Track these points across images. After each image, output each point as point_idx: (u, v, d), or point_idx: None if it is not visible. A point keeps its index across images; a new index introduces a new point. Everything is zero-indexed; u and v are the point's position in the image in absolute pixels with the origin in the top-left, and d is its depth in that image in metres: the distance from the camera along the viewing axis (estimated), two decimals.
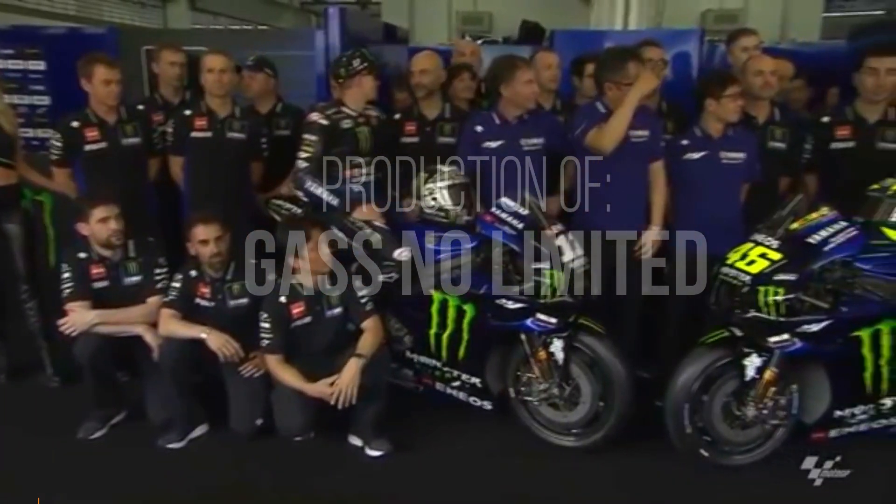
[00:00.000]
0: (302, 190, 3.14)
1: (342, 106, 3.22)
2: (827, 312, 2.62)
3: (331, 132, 3.13)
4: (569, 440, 3.00)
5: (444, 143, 3.52)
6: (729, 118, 3.11)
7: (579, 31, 5.17)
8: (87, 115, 3.43)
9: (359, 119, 3.23)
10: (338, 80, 3.23)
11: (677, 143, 3.23)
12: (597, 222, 3.14)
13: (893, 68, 3.10)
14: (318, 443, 3.01)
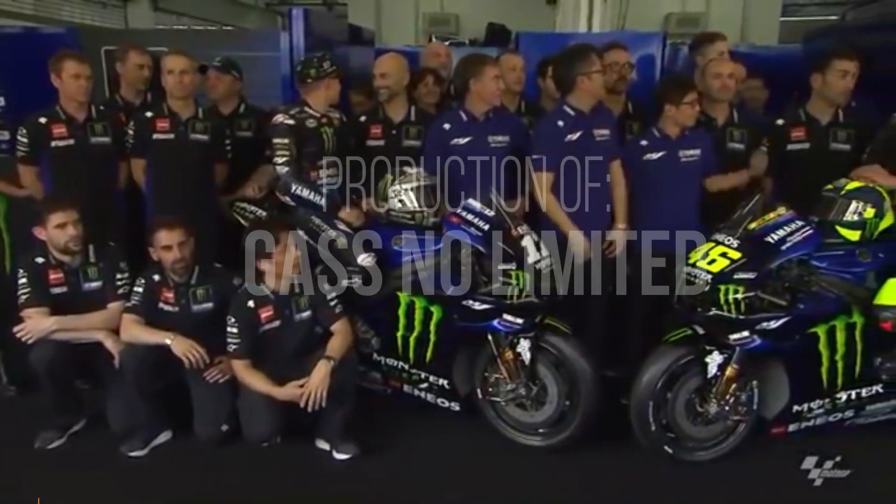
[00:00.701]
0: (289, 195, 3.11)
1: (306, 106, 3.20)
2: (785, 310, 2.69)
3: (298, 132, 3.11)
4: (536, 440, 3.02)
5: (409, 147, 3.51)
6: (687, 123, 3.18)
7: (544, 34, 5.22)
8: (56, 112, 3.37)
9: (322, 120, 3.22)
10: (306, 80, 3.21)
11: (637, 143, 3.28)
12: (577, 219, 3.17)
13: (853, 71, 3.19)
14: (284, 447, 2.98)
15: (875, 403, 2.90)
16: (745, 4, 8.44)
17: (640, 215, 3.27)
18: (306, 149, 3.15)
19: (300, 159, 3.12)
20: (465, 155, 3.24)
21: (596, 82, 3.09)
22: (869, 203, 2.77)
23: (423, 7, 9.45)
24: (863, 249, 2.78)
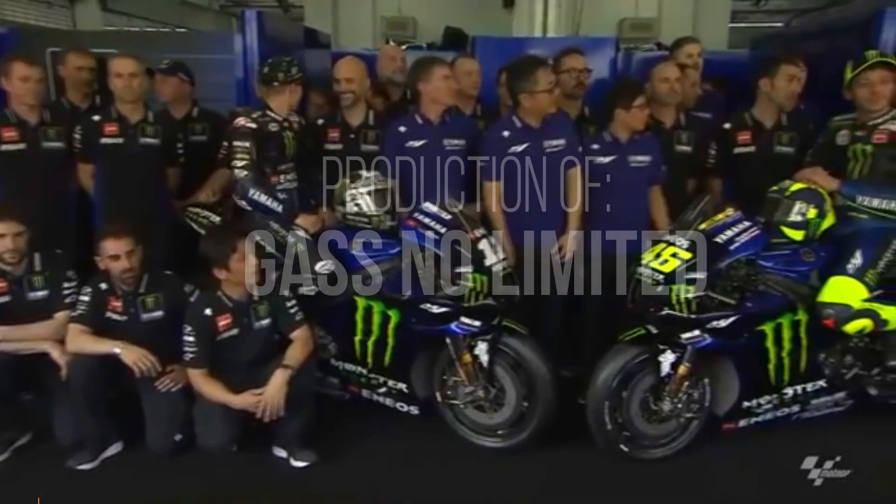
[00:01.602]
0: (246, 199, 3.06)
1: (268, 110, 3.17)
2: (733, 309, 2.75)
3: (259, 136, 3.07)
4: (494, 441, 3.04)
5: (368, 151, 3.50)
6: (637, 126, 3.24)
7: (500, 38, 5.25)
8: (6, 115, 3.30)
9: (284, 124, 3.19)
10: (272, 83, 3.18)
11: (588, 147, 3.32)
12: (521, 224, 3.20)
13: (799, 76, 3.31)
14: (240, 456, 2.93)
15: (819, 398, 3.00)
16: (695, 11, 8.65)
17: (591, 217, 3.31)
18: (268, 153, 3.11)
19: (261, 164, 3.08)
20: (420, 158, 3.25)
21: (540, 101, 3.11)
22: (811, 204, 2.87)
23: (380, 10, 9.39)
24: (806, 249, 2.88)
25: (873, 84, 2.85)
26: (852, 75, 2.91)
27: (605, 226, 3.22)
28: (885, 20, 3.41)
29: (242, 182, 3.03)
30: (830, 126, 3.13)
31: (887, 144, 2.84)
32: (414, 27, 9.17)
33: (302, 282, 3.04)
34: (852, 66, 2.92)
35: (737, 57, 5.45)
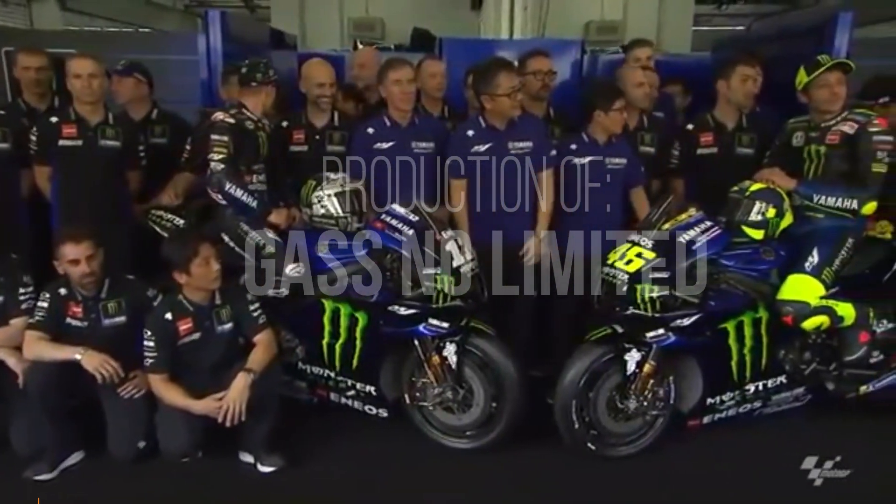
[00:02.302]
0: (221, 193, 3.01)
1: (244, 109, 3.14)
2: (696, 307, 2.80)
3: (237, 132, 3.03)
4: (463, 442, 3.04)
5: (333, 152, 3.48)
6: (615, 129, 3.28)
7: (467, 40, 5.27)
8: None
9: (258, 124, 3.16)
10: (250, 83, 3.15)
11: (566, 147, 3.35)
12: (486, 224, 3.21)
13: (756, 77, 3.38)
14: (206, 462, 2.89)
15: (780, 393, 3.07)
16: (659, 14, 8.80)
17: (566, 218, 3.33)
18: (242, 151, 3.07)
19: (236, 161, 3.04)
20: (387, 159, 3.25)
21: (500, 104, 3.12)
22: (771, 204, 2.93)
23: (347, 11, 9.36)
24: (766, 248, 2.94)
25: (832, 85, 2.92)
26: (810, 78, 2.96)
27: (581, 227, 3.25)
28: (839, 24, 3.50)
29: (219, 175, 2.98)
30: (786, 128, 3.20)
31: (839, 145, 2.91)
32: (382, 28, 9.16)
33: (272, 285, 3.02)
34: (807, 69, 2.98)
35: (699, 59, 5.55)
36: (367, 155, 3.29)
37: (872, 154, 2.83)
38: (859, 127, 2.87)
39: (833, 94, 2.93)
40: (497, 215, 3.21)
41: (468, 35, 6.89)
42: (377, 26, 9.20)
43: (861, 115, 2.91)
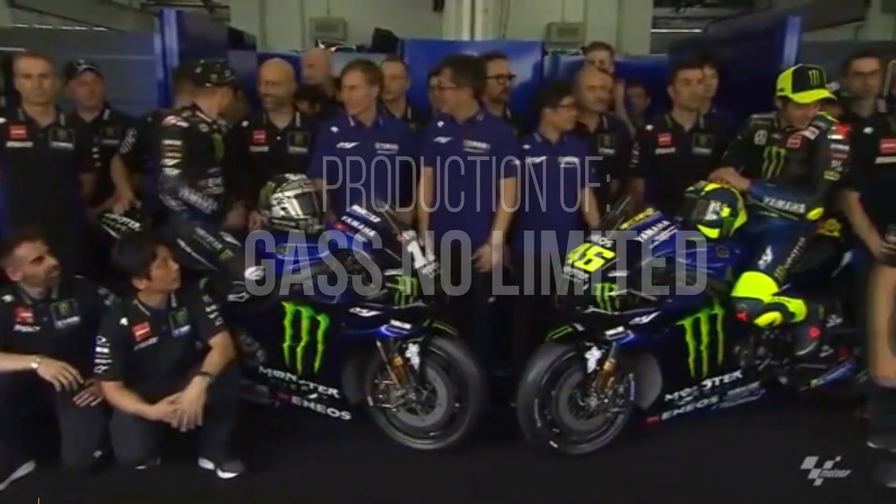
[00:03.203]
0: (178, 199, 2.97)
1: (197, 111, 3.08)
2: (654, 305, 2.85)
3: (190, 135, 2.98)
4: (427, 443, 3.04)
5: (294, 153, 3.46)
6: (565, 126, 3.31)
7: (429, 41, 5.27)
8: None
9: (213, 126, 3.11)
10: (204, 84, 3.09)
11: (520, 147, 3.36)
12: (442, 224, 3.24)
13: (700, 79, 3.45)
14: (164, 470, 2.83)
15: (736, 388, 3.14)
16: (619, 16, 8.94)
17: (521, 217, 3.36)
18: (197, 154, 3.02)
19: (191, 165, 2.99)
20: (351, 159, 3.23)
21: (443, 95, 3.20)
22: (725, 203, 2.99)
23: (309, 12, 9.29)
24: (721, 246, 2.99)
25: (808, 108, 2.96)
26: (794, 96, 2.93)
27: (536, 226, 3.28)
28: (788, 28, 3.60)
29: (174, 181, 2.93)
30: (749, 124, 3.25)
31: (800, 149, 2.98)
32: (344, 29, 9.12)
33: (231, 289, 2.98)
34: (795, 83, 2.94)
35: (658, 61, 5.65)
36: (329, 154, 3.28)
37: (828, 162, 2.90)
38: (820, 133, 2.94)
39: (805, 117, 2.98)
40: (453, 216, 3.23)
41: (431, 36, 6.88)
42: (339, 27, 9.16)
43: (823, 122, 2.97)
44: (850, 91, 3.56)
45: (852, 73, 3.50)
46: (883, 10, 7.71)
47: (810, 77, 2.92)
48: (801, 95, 2.91)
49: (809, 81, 2.91)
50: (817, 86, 2.90)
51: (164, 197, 3.04)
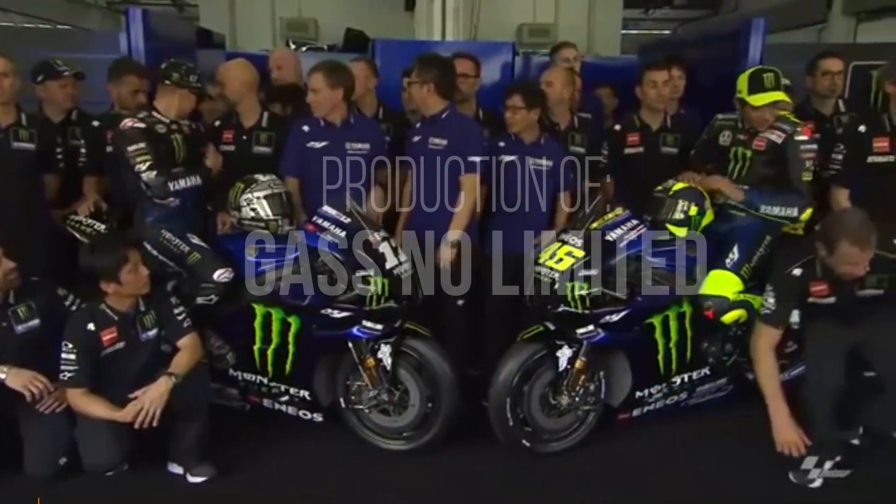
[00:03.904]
0: (172, 195, 2.94)
1: (154, 111, 3.02)
2: (624, 303, 2.88)
3: (149, 136, 2.92)
4: (399, 444, 3.03)
5: (259, 153, 3.43)
6: (511, 128, 3.34)
7: (399, 41, 5.26)
8: None
9: (172, 126, 3.05)
10: (164, 81, 3.03)
11: (495, 144, 3.40)
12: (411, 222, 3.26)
13: (667, 80, 3.49)
14: (132, 476, 2.77)
15: (704, 384, 3.19)
16: (589, 18, 8.99)
17: (493, 217, 3.37)
18: (158, 155, 2.95)
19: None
20: (320, 159, 3.21)
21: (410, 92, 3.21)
22: (693, 202, 3.04)
23: (279, 11, 9.18)
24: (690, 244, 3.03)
25: (763, 110, 3.02)
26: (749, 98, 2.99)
27: (506, 226, 3.30)
28: (752, 30, 3.67)
29: (157, 183, 2.88)
30: (714, 124, 3.31)
31: (765, 151, 3.04)
32: (315, 29, 9.03)
33: (199, 291, 2.94)
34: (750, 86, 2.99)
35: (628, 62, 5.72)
36: (299, 153, 3.26)
37: (801, 164, 2.97)
38: (786, 136, 3.00)
39: (764, 120, 3.03)
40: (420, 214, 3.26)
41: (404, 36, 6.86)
42: (310, 26, 9.06)
43: (787, 124, 3.03)
44: (815, 90, 3.64)
45: (818, 72, 3.59)
46: (843, 13, 7.89)
47: (765, 80, 2.97)
48: (756, 98, 2.96)
49: (763, 84, 2.97)
50: (772, 88, 2.96)
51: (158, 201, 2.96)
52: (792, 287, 2.71)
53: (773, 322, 2.75)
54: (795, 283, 2.70)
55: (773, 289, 2.75)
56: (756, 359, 2.81)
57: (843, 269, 2.60)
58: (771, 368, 2.76)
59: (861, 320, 2.74)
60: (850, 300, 2.73)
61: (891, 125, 3.04)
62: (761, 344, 2.79)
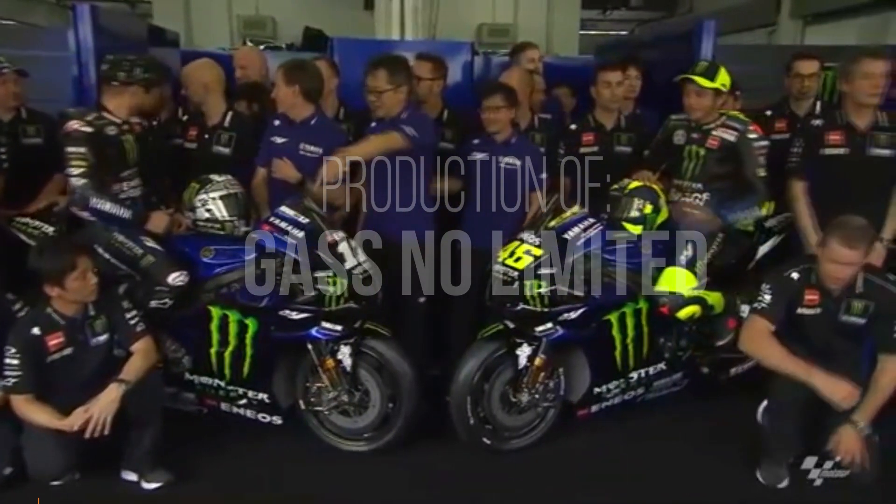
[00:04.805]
0: (88, 209, 2.82)
1: (105, 112, 2.94)
2: (582, 301, 2.91)
3: (96, 140, 2.83)
4: (361, 445, 3.02)
5: (217, 153, 3.40)
6: (487, 127, 3.34)
7: (358, 40, 5.22)
8: None
9: (123, 127, 2.96)
10: (111, 82, 2.94)
11: (469, 142, 3.41)
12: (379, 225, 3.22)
13: (621, 81, 3.55)
14: (83, 485, 2.70)
15: (660, 379, 3.24)
16: (548, 18, 9.07)
17: (464, 215, 3.39)
18: (106, 159, 2.88)
19: (101, 170, 2.86)
20: (278, 156, 3.19)
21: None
22: (648, 200, 3.10)
23: (236, 9, 9.03)
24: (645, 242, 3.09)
25: (689, 94, 3.11)
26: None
27: (476, 224, 3.31)
28: (704, 32, 3.75)
29: (82, 191, 2.79)
30: (668, 124, 3.37)
31: (718, 149, 3.12)
32: (273, 27, 8.93)
33: (153, 295, 2.88)
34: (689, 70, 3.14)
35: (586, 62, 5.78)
36: (266, 148, 3.27)
37: (756, 161, 3.06)
38: (739, 135, 3.07)
39: (700, 106, 3.12)
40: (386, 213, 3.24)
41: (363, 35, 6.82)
42: (268, 24, 8.95)
43: (738, 123, 3.11)
44: (791, 91, 3.73)
45: (793, 74, 3.68)
46: (791, 16, 8.12)
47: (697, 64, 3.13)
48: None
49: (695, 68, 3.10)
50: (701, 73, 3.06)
51: (74, 209, 2.89)
52: (788, 288, 2.72)
53: (767, 315, 2.72)
54: (792, 285, 2.72)
55: (770, 287, 2.74)
56: (759, 348, 2.75)
57: (828, 268, 2.61)
58: (779, 348, 2.68)
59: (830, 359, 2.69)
60: (833, 321, 2.71)
61: (843, 120, 3.14)
62: (757, 333, 2.73)
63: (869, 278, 2.66)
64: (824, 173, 3.17)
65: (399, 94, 3.18)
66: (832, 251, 2.57)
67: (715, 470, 2.90)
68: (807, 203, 3.19)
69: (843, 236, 2.55)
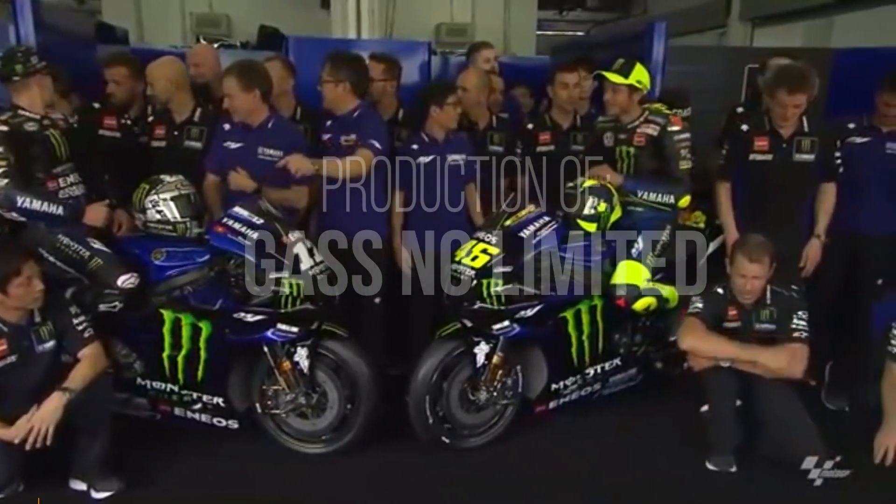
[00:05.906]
0: (15, 210, 2.69)
1: (20, 109, 2.81)
2: (538, 298, 2.94)
3: (16, 139, 2.71)
4: (319, 447, 2.99)
5: (189, 147, 3.37)
6: (450, 124, 3.36)
7: (313, 39, 5.17)
8: None
9: (44, 122, 2.84)
10: (11, 78, 2.79)
11: (409, 147, 3.39)
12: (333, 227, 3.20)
13: (578, 82, 3.60)
14: (28, 496, 2.60)
15: (616, 374, 3.30)
16: (505, 18, 9.14)
17: (412, 217, 3.38)
18: (32, 157, 2.77)
19: (31, 170, 2.76)
20: (234, 161, 3.13)
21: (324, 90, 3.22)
22: (602, 198, 3.13)
23: (189, 6, 8.86)
24: (599, 239, 3.13)
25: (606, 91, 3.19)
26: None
27: (424, 225, 3.31)
28: (655, 33, 3.82)
29: (6, 191, 2.67)
30: (596, 127, 3.43)
31: (645, 146, 3.17)
32: (227, 25, 8.79)
33: (102, 298, 2.80)
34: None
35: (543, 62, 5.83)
36: (218, 152, 3.20)
37: (678, 154, 3.12)
38: (661, 129, 3.13)
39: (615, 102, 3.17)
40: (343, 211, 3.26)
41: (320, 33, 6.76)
42: (222, 22, 8.81)
43: (660, 117, 3.17)
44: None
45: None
46: (741, 19, 8.35)
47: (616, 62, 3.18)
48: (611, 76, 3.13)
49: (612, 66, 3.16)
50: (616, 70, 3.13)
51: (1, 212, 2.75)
52: (715, 301, 2.99)
53: (702, 317, 2.94)
54: (718, 299, 2.99)
55: (701, 297, 2.99)
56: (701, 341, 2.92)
57: (737, 283, 2.91)
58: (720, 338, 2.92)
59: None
60: (750, 330, 2.97)
61: (770, 126, 3.25)
62: (698, 328, 2.92)
63: (774, 289, 2.97)
64: (751, 178, 3.32)
65: (339, 90, 3.18)
66: (738, 266, 2.88)
67: (671, 463, 2.96)
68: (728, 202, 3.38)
69: (745, 251, 2.86)
